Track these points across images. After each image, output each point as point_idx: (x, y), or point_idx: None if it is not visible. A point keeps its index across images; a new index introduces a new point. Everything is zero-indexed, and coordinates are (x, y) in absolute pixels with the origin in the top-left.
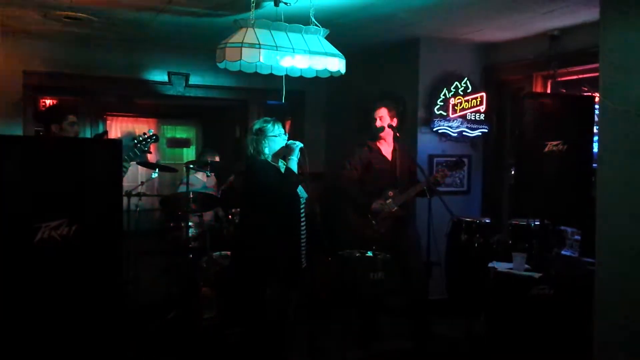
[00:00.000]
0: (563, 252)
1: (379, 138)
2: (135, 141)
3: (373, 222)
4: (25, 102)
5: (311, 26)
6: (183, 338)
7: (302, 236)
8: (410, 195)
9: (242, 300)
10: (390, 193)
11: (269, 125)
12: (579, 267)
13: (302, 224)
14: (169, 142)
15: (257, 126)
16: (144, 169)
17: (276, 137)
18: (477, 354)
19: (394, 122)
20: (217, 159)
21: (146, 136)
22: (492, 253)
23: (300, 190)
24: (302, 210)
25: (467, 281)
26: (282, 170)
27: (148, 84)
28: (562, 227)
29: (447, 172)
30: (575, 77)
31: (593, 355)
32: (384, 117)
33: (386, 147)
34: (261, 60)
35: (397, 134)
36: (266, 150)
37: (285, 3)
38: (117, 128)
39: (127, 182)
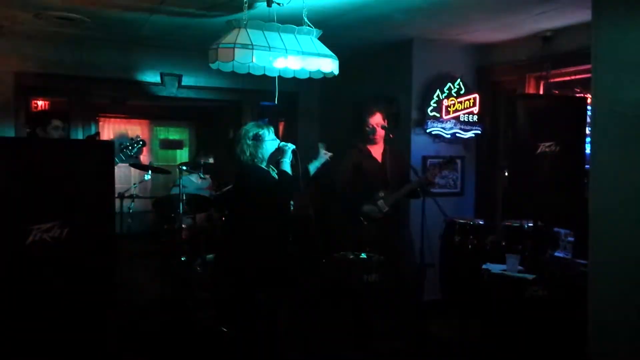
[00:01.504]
0: (556, 254)
1: (370, 140)
2: (122, 146)
3: (365, 223)
4: (17, 104)
5: (304, 27)
6: (178, 339)
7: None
8: (401, 194)
9: (233, 304)
10: (382, 194)
11: (264, 131)
12: (572, 268)
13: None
14: (162, 144)
15: (252, 132)
16: (137, 170)
17: (271, 141)
18: (471, 354)
19: (386, 123)
20: (211, 160)
21: (133, 141)
22: (485, 254)
23: None
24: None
25: (461, 282)
26: (275, 176)
27: (140, 85)
28: (556, 229)
29: (437, 171)
30: (568, 78)
31: (587, 356)
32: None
33: (377, 149)
34: (254, 61)
35: (390, 135)
36: (261, 156)
37: (278, 4)
38: (109, 129)
39: (120, 183)
